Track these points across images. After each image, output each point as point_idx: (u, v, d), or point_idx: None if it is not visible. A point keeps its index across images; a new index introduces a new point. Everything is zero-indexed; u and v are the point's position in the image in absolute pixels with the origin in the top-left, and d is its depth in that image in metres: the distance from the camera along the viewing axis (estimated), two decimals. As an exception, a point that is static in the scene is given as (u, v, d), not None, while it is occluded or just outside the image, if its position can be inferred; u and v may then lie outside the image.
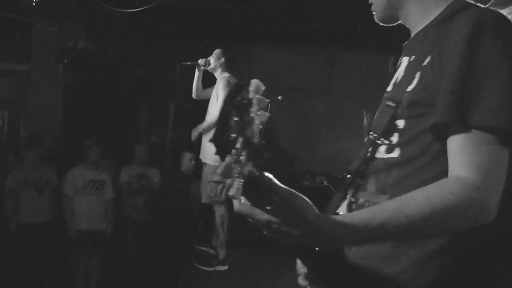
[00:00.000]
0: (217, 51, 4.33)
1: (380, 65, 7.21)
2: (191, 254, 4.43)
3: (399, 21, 1.15)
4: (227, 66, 4.32)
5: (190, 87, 6.74)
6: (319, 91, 6.91)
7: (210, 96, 4.36)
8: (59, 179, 4.67)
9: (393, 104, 1.02)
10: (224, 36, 6.50)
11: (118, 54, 6.18)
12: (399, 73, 1.11)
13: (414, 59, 1.06)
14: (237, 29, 6.24)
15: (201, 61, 4.30)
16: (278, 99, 5.04)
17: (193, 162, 5.03)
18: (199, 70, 4.42)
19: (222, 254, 4.21)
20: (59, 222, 4.56)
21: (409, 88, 0.99)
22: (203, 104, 6.46)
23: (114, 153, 5.40)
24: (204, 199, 4.33)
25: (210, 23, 5.79)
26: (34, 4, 5.16)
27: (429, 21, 1.07)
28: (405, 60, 1.11)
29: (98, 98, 5.95)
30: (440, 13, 1.05)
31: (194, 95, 4.61)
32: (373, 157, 1.06)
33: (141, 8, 4.35)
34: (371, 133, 1.07)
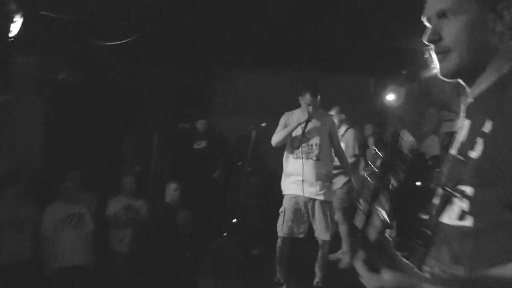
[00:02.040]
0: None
1: (361, 86, 7.40)
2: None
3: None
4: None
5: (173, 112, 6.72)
6: (304, 114, 7.01)
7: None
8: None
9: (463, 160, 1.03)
10: (206, 61, 6.61)
11: (99, 84, 6.19)
12: (464, 135, 1.08)
13: (475, 122, 1.05)
14: (220, 55, 6.33)
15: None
16: (262, 126, 5.12)
17: (178, 192, 5.00)
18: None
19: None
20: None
21: (473, 155, 0.99)
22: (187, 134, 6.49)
23: (97, 185, 5.35)
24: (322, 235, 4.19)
25: (192, 50, 5.87)
26: (13, 35, 5.15)
27: (491, 81, 1.05)
28: (467, 123, 1.09)
29: (80, 129, 5.91)
30: (502, 76, 1.04)
31: (277, 144, 4.26)
32: (441, 222, 1.06)
33: (122, 41, 4.40)
34: (444, 187, 1.07)
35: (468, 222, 0.98)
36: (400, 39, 5.27)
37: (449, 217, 1.03)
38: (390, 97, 7.05)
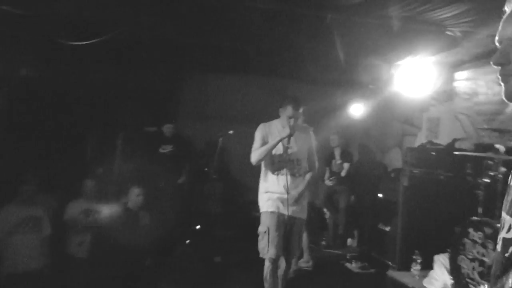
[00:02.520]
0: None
1: (329, 96, 7.57)
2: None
3: None
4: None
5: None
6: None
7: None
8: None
9: None
10: (177, 65, 6.59)
11: (63, 84, 6.04)
12: None
13: None
14: (191, 60, 6.33)
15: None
16: (230, 133, 5.15)
17: (141, 197, 4.94)
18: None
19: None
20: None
21: None
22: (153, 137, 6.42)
23: (57, 187, 5.21)
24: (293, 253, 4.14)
25: (163, 53, 5.84)
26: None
27: None
28: None
29: (41, 129, 5.74)
30: None
31: (258, 162, 3.96)
32: None
33: (90, 41, 4.32)
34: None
35: None
36: (369, 54, 5.45)
37: None
38: (356, 109, 7.25)
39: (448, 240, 3.92)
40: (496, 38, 1.12)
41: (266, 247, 3.76)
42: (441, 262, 4.04)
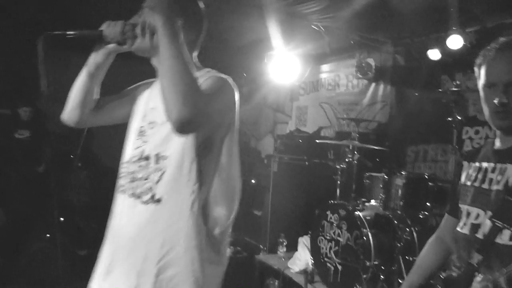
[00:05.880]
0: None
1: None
2: None
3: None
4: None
5: None
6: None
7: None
8: None
9: None
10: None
11: None
12: (508, 177, 1.47)
13: None
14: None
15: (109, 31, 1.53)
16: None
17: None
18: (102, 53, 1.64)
19: None
20: None
21: None
22: (7, 121, 5.83)
23: None
24: None
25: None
26: None
27: None
28: (510, 168, 1.48)
29: None
30: None
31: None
32: (494, 242, 1.40)
33: None
34: (494, 220, 1.41)
35: None
36: (243, 43, 5.65)
37: (501, 239, 1.41)
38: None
39: (310, 222, 4.32)
40: (490, 80, 1.47)
41: None
42: (304, 243, 4.43)
